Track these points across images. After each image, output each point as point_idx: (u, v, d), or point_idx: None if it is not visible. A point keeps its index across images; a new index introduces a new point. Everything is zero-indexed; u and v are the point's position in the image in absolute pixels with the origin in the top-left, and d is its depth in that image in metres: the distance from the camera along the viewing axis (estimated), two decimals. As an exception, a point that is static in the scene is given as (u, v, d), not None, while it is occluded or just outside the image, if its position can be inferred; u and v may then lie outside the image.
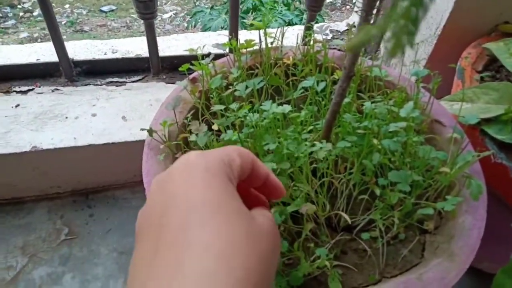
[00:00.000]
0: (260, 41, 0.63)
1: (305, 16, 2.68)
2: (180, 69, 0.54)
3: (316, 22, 1.02)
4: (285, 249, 0.44)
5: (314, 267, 0.43)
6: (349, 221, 0.44)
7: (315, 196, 0.46)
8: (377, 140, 0.47)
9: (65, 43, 0.90)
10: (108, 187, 0.88)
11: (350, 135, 0.49)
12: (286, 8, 2.74)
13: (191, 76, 0.59)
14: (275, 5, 2.77)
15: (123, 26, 3.57)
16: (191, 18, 2.78)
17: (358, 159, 0.48)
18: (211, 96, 0.53)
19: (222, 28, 2.58)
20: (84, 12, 3.62)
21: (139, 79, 0.90)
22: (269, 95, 0.63)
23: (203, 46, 0.55)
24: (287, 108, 0.48)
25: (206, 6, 2.96)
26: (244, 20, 2.61)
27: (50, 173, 0.81)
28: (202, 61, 0.56)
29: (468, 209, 0.50)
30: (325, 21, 2.98)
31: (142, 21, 0.81)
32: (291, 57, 0.64)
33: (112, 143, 0.77)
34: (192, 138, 0.49)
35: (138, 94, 0.87)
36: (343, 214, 0.44)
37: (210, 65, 0.58)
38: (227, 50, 0.63)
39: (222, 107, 0.51)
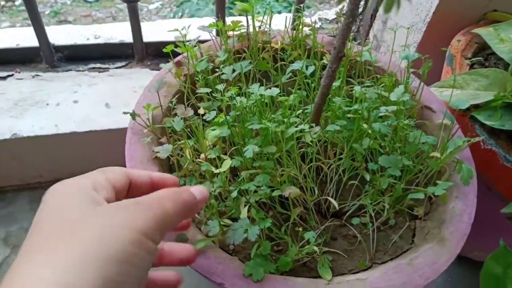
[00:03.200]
0: (248, 25, 0.61)
1: (293, 8, 2.66)
2: (164, 50, 0.52)
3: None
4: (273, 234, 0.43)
5: (303, 252, 0.42)
6: (337, 206, 0.43)
7: (303, 181, 0.45)
8: (367, 124, 0.46)
9: (46, 28, 0.86)
10: (92, 176, 0.86)
11: (340, 119, 0.48)
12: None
13: (176, 59, 0.57)
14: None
15: (108, 17, 3.50)
16: (177, 7, 2.73)
17: (348, 144, 0.47)
18: (197, 79, 0.52)
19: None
20: (68, 2, 3.53)
21: (123, 65, 0.87)
22: (257, 80, 0.61)
23: (188, 27, 0.53)
24: (275, 91, 0.47)
25: (190, -3, 2.91)
26: (232, 10, 2.57)
27: (31, 162, 0.78)
28: (188, 43, 0.54)
29: (458, 194, 0.49)
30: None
31: (127, 11, 0.78)
32: (279, 42, 0.62)
33: (95, 130, 0.75)
34: (168, 124, 0.47)
35: (122, 80, 0.84)
36: (331, 199, 0.43)
37: (196, 48, 0.56)
38: (214, 33, 0.61)
39: (208, 90, 0.49)
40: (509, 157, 0.55)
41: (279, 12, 2.50)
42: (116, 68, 0.86)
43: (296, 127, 0.43)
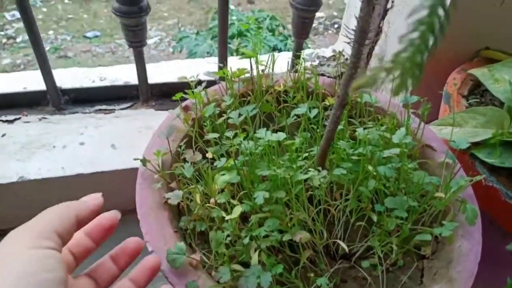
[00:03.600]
0: (252, 69, 0.63)
1: (289, 41, 2.74)
2: (173, 98, 0.54)
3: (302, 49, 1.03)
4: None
5: (314, 297, 0.43)
6: (347, 250, 0.44)
7: (312, 223, 0.46)
8: (371, 166, 0.47)
9: (52, 71, 0.89)
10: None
11: (345, 162, 0.50)
12: (271, 33, 2.79)
13: (183, 104, 0.59)
14: (260, 30, 2.82)
15: (108, 52, 3.58)
16: (177, 43, 2.80)
17: (354, 186, 0.48)
18: (205, 124, 0.53)
19: (207, 53, 2.61)
20: (68, 38, 3.62)
21: (128, 106, 0.89)
22: (261, 122, 0.63)
23: (197, 75, 0.55)
24: (281, 136, 0.49)
25: (192, 32, 3.00)
26: (230, 45, 2.64)
27: (38, 204, 0.78)
28: (195, 90, 0.56)
29: (463, 233, 0.50)
30: (309, 46, 3.05)
31: (126, 47, 0.81)
32: (281, 84, 0.65)
33: (101, 172, 0.76)
34: (178, 171, 0.48)
35: (128, 121, 0.86)
36: (341, 243, 0.44)
37: (203, 93, 0.58)
38: (218, 77, 0.63)
39: (217, 135, 0.51)
40: (511, 194, 0.56)
41: (275, 47, 2.57)
42: (122, 109, 0.88)
43: (304, 171, 0.44)
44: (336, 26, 3.82)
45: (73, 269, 0.37)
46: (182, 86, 0.93)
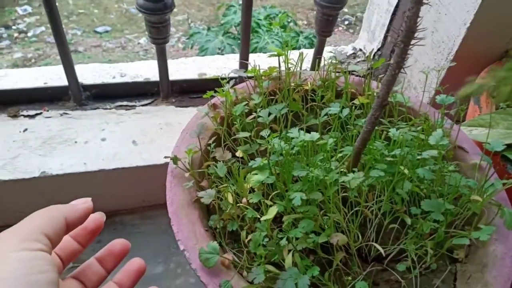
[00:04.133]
0: (280, 67, 0.63)
1: (301, 38, 2.72)
2: (204, 96, 0.53)
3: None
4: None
5: (349, 300, 0.42)
6: (383, 252, 0.43)
7: (346, 226, 0.45)
8: (405, 168, 0.46)
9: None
10: (116, 212, 0.86)
11: (379, 163, 0.49)
12: (283, 30, 2.78)
13: (211, 102, 0.58)
14: (271, 27, 2.81)
15: (118, 47, 3.58)
16: (187, 39, 2.80)
17: (388, 188, 0.48)
18: (235, 122, 0.53)
19: (219, 49, 2.60)
20: (79, 33, 3.63)
21: (149, 103, 0.89)
22: (289, 121, 0.62)
23: (228, 74, 0.55)
24: (315, 135, 0.48)
25: (202, 27, 2.99)
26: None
27: (59, 199, 0.78)
28: (224, 88, 0.55)
29: (498, 237, 0.49)
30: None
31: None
32: (309, 83, 0.64)
33: (123, 168, 0.76)
34: (211, 170, 0.48)
35: (148, 118, 0.86)
36: (377, 245, 0.43)
37: (232, 91, 0.57)
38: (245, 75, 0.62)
39: (247, 134, 0.50)
40: (545, 197, 0.55)
41: (287, 43, 2.54)
42: (142, 105, 0.88)
43: (339, 173, 0.43)
44: (346, 22, 3.78)
45: (61, 272, 0.37)
46: (202, 84, 0.93)
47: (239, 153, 0.51)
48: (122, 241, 0.40)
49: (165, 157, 0.50)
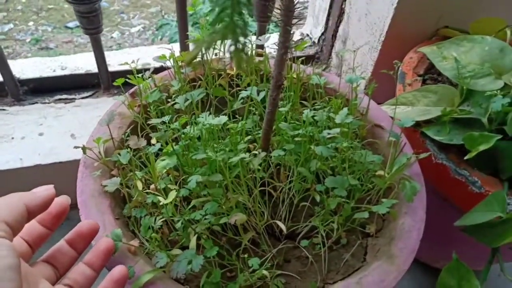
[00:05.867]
0: (203, 53, 0.63)
1: (271, 26, 2.71)
2: (114, 83, 0.53)
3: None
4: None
5: (254, 278, 0.43)
6: (284, 229, 0.44)
7: (252, 205, 0.46)
8: (312, 146, 0.47)
9: (13, 61, 0.87)
10: (61, 207, 0.85)
11: (288, 143, 0.50)
12: (252, 19, 2.75)
13: (130, 91, 0.58)
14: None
15: (90, 42, 3.52)
16: (157, 31, 2.76)
17: (297, 167, 0.49)
18: (149, 110, 0.53)
19: (188, 40, 2.57)
20: (49, 29, 3.54)
21: (89, 95, 0.88)
22: (213, 107, 0.62)
23: (137, 60, 0.54)
24: (223, 119, 0.48)
25: (172, 19, 2.95)
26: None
27: (-4, 197, 0.77)
28: (140, 75, 0.55)
29: (407, 210, 0.51)
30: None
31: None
32: (234, 68, 0.64)
33: (60, 162, 0.75)
34: (114, 158, 0.48)
35: (88, 110, 0.85)
36: (279, 222, 0.44)
37: (150, 79, 0.57)
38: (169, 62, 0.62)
39: (159, 120, 0.50)
40: (460, 170, 0.57)
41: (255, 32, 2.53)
42: (82, 98, 0.87)
43: (244, 154, 0.44)
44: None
45: (29, 257, 0.37)
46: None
47: (153, 140, 0.52)
48: (90, 222, 0.41)
49: (75, 147, 0.50)
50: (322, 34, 0.99)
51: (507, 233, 0.50)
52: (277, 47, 0.40)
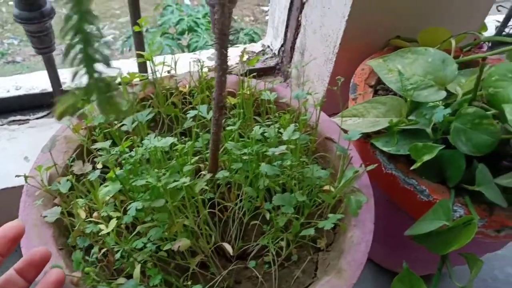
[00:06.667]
0: (154, 71, 0.62)
1: (241, 35, 2.73)
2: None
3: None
4: None
5: (202, 303, 0.42)
6: (230, 250, 0.44)
7: (198, 229, 0.46)
8: (259, 165, 0.47)
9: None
10: (18, 232, 0.82)
11: (237, 162, 0.50)
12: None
13: (77, 113, 0.57)
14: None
15: (58, 54, 3.45)
16: (125, 41, 2.73)
17: (246, 185, 0.49)
18: (94, 133, 0.52)
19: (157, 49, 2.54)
20: (16, 42, 3.45)
21: (44, 115, 0.86)
22: (166, 126, 0.62)
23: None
24: (169, 140, 0.48)
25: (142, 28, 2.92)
26: (180, 42, 2.60)
27: None
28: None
29: (356, 223, 0.51)
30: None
31: (43, 62, 0.78)
32: (187, 85, 0.64)
33: (13, 187, 0.73)
34: (53, 186, 0.47)
35: (43, 131, 0.83)
36: (225, 244, 0.44)
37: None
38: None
39: (105, 144, 0.49)
40: (408, 180, 0.58)
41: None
42: (37, 118, 0.85)
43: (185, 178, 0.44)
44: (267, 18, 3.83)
45: None
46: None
47: (99, 165, 0.51)
48: (42, 249, 0.39)
49: (17, 176, 0.48)
50: (282, 45, 1.00)
51: (454, 240, 0.52)
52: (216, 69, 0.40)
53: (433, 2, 0.76)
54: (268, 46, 1.08)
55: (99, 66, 0.21)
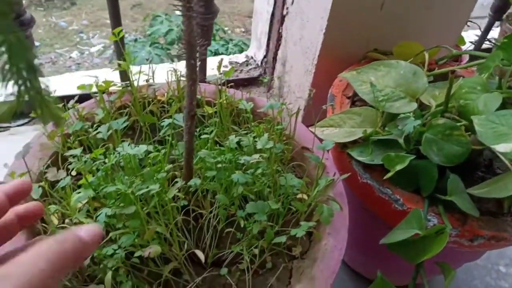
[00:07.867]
0: (132, 80, 0.63)
1: (230, 45, 2.75)
2: (31, 114, 0.52)
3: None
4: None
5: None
6: (202, 258, 0.44)
7: (170, 236, 0.46)
8: (232, 173, 0.48)
9: None
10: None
11: (211, 170, 0.50)
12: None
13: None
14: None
15: (48, 62, 3.42)
16: (114, 51, 2.73)
17: (220, 193, 0.49)
18: (68, 140, 0.52)
19: (147, 60, 2.56)
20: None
21: (25, 123, 0.85)
22: (144, 134, 0.62)
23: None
24: (142, 148, 0.48)
25: (130, 39, 2.93)
26: (170, 51, 2.61)
27: None
28: (68, 104, 0.54)
29: (330, 231, 0.52)
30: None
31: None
32: (165, 94, 0.64)
33: (-11, 194, 0.72)
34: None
35: (24, 138, 0.82)
36: (198, 251, 0.44)
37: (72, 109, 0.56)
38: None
39: (77, 151, 0.49)
40: (383, 189, 0.59)
41: (217, 51, 2.55)
42: (18, 126, 0.85)
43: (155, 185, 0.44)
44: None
45: None
46: (85, 99, 0.91)
47: (73, 172, 0.51)
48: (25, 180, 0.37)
49: (-12, 182, 0.48)
50: (264, 56, 1.01)
51: (426, 249, 0.53)
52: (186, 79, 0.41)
53: (408, 16, 0.79)
54: (252, 57, 1.09)
55: (27, 75, 0.22)
